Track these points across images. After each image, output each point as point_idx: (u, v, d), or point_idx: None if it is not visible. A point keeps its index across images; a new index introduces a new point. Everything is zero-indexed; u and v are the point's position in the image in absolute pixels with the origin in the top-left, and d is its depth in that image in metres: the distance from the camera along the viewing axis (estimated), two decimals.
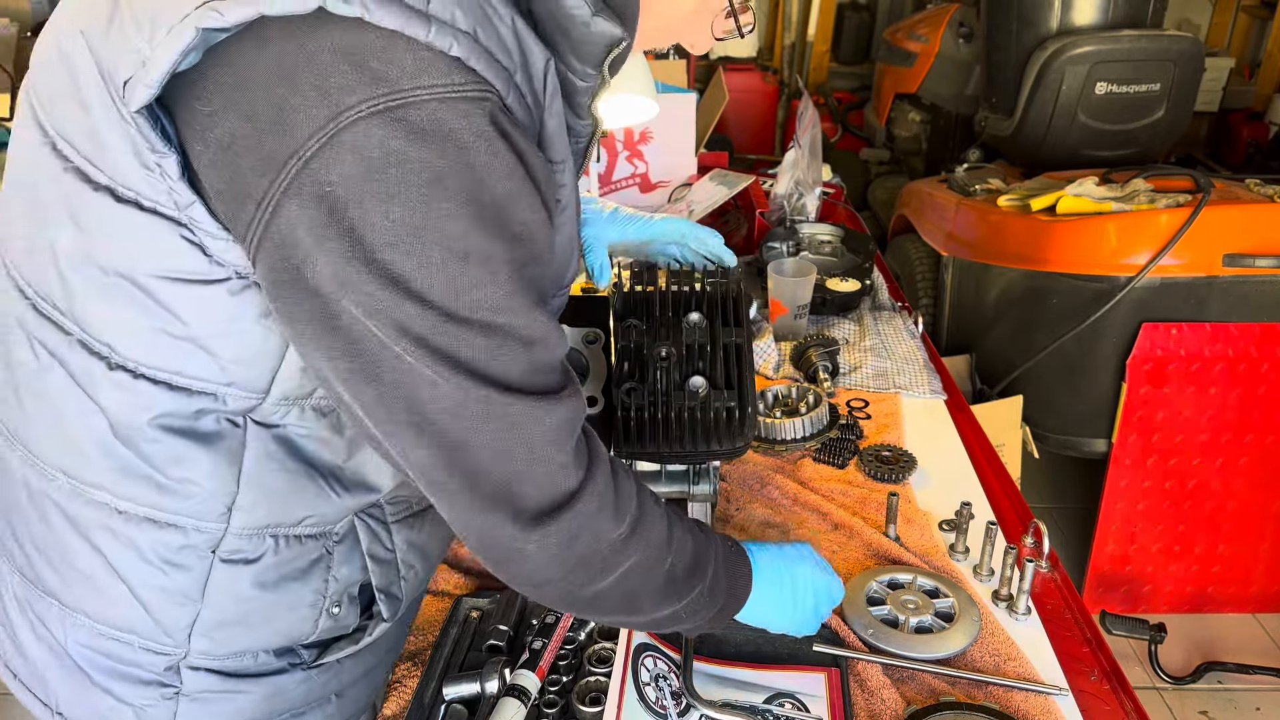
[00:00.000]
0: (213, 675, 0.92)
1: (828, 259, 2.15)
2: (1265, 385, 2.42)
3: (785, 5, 5.08)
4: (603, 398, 1.20)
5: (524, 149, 0.73)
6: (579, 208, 0.94)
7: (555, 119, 0.79)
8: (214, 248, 0.75)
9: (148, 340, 0.79)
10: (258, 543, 0.88)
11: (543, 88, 0.77)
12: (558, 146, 0.81)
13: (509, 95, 0.72)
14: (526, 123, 0.75)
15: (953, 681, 1.07)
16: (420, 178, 0.67)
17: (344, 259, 0.68)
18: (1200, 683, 2.47)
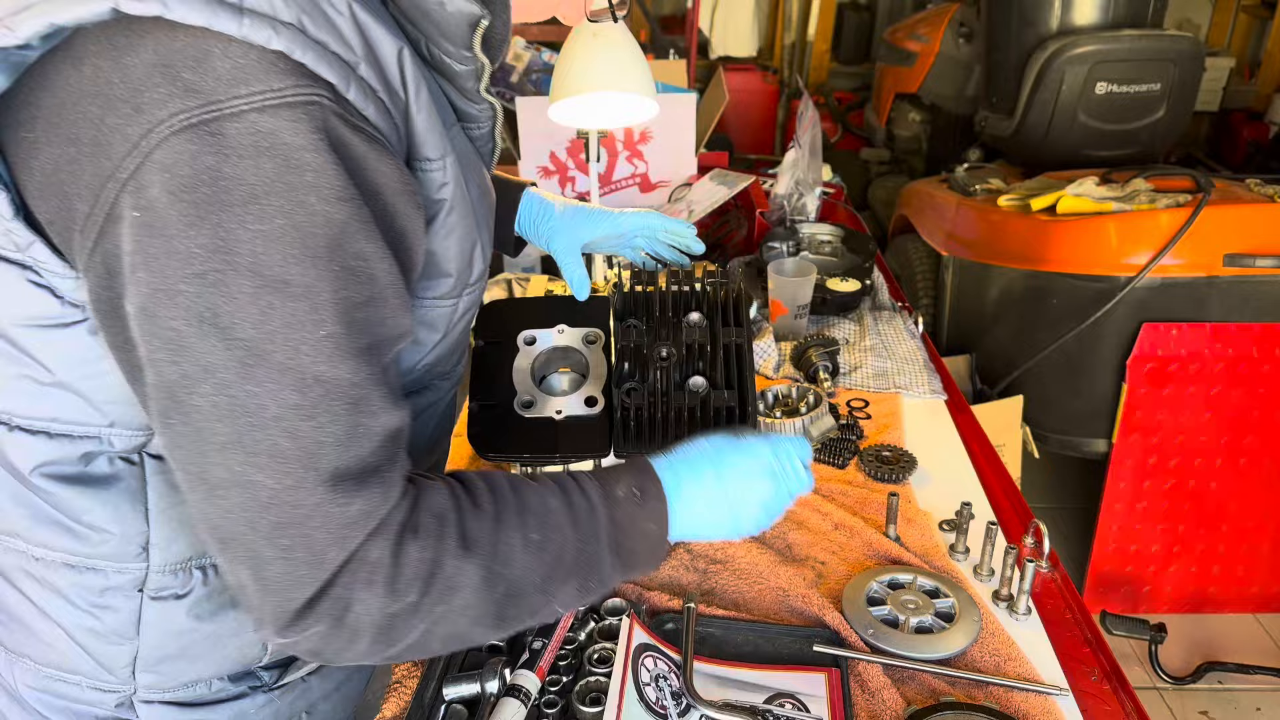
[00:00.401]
0: (170, 707, 0.89)
1: (828, 259, 2.15)
2: (1265, 385, 2.42)
3: (785, 5, 5.08)
4: (603, 398, 1.20)
5: (364, 160, 0.67)
6: (491, 200, 0.91)
7: (425, 112, 0.74)
8: (64, 288, 0.71)
9: (16, 389, 0.76)
10: (184, 577, 0.85)
11: (400, 79, 0.71)
12: (431, 141, 0.75)
13: (350, 90, 0.66)
14: (380, 120, 0.69)
15: (953, 682, 1.06)
16: (233, 197, 0.61)
17: (150, 290, 0.62)
18: (1200, 683, 2.47)
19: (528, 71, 2.75)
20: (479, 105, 0.84)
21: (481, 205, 0.87)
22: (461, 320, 0.90)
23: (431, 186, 0.78)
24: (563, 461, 1.21)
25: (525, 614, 0.80)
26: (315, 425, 0.66)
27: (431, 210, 0.79)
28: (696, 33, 4.07)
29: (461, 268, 0.85)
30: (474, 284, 0.88)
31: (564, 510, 0.81)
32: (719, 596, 1.19)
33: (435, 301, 0.85)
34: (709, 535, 0.90)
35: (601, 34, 1.53)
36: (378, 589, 0.71)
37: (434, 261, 0.82)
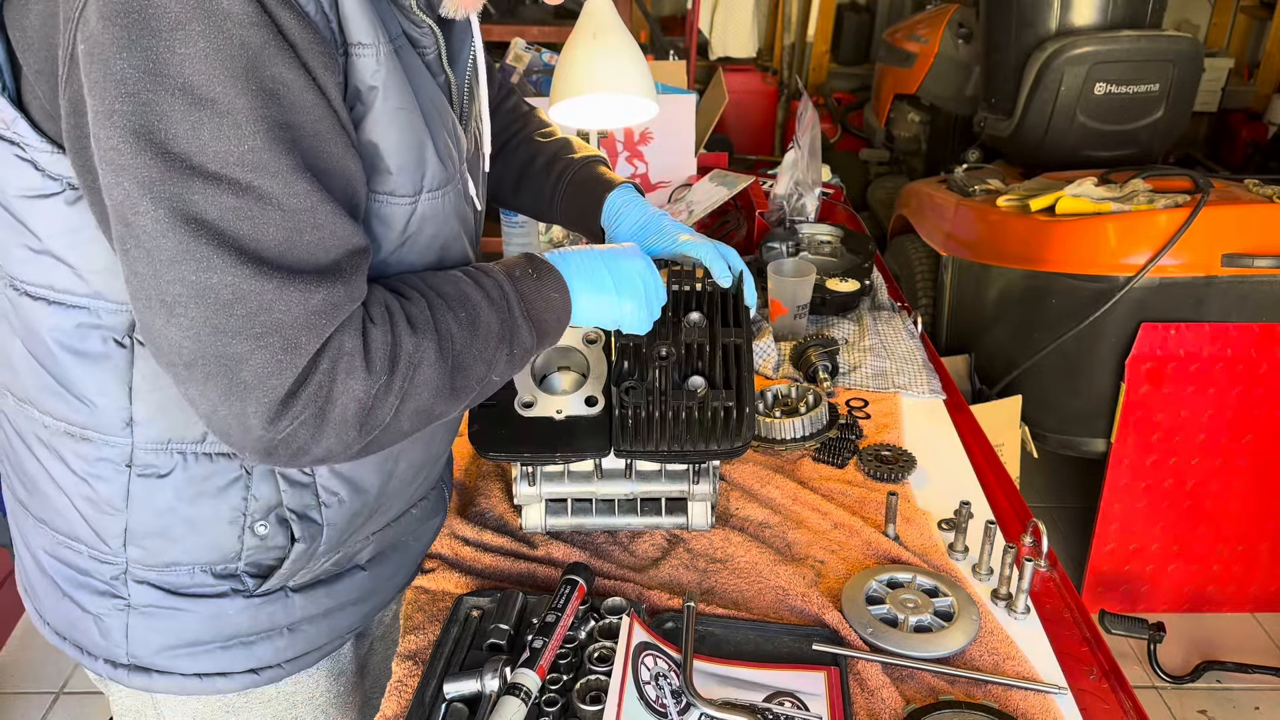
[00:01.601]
0: (155, 590, 0.96)
1: (827, 259, 2.15)
2: (1264, 385, 2.43)
3: (785, 6, 5.08)
4: (603, 397, 1.20)
5: (274, 10, 0.71)
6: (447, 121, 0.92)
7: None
8: (44, 162, 0.79)
9: (19, 257, 0.85)
10: (165, 458, 0.91)
11: None
12: (362, 26, 0.79)
13: None
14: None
15: (952, 680, 1.07)
16: (160, 23, 0.67)
17: (97, 116, 0.69)
18: (1199, 682, 2.47)
19: (528, 72, 2.75)
20: (419, 27, 0.87)
21: (431, 113, 0.89)
22: (423, 226, 0.91)
23: (365, 72, 0.80)
24: (563, 461, 1.21)
25: (473, 382, 0.90)
26: (254, 226, 0.72)
27: (366, 99, 0.81)
28: (696, 34, 4.07)
29: (405, 164, 0.86)
30: (433, 190, 0.90)
31: (478, 292, 0.90)
32: (719, 595, 1.19)
33: (386, 197, 0.87)
34: (602, 309, 1.02)
35: (601, 35, 1.53)
36: (357, 374, 0.79)
37: (375, 153, 0.84)
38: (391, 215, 0.88)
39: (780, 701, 1.01)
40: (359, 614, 1.10)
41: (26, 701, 2.43)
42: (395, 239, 0.89)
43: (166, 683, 1.00)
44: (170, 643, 0.98)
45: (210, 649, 0.99)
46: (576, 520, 1.29)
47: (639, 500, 1.29)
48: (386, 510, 1.06)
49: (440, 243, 0.94)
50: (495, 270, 0.94)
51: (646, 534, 1.30)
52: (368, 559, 1.08)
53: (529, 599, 1.13)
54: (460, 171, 0.95)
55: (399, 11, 0.85)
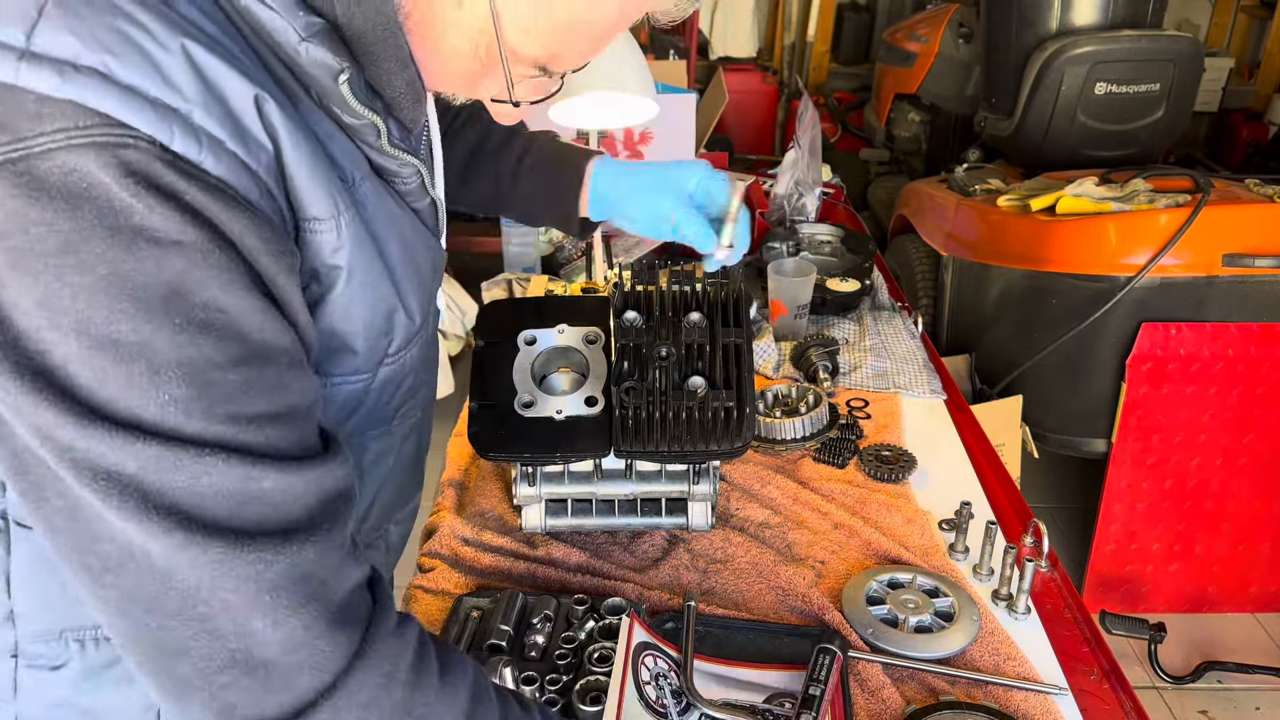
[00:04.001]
0: None
1: (828, 259, 2.15)
2: (1265, 385, 2.43)
3: (785, 5, 5.08)
4: (603, 397, 1.20)
5: (204, 207, 0.58)
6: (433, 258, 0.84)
7: (306, 166, 0.65)
8: None
9: None
10: (57, 648, 0.80)
11: (261, 128, 0.62)
12: (317, 199, 0.67)
13: (175, 140, 0.58)
14: (231, 173, 0.60)
15: (952, 681, 1.07)
16: (47, 245, 0.55)
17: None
18: (1200, 682, 2.47)
19: None
20: (397, 160, 0.77)
21: (405, 266, 0.78)
22: (384, 392, 0.82)
23: (323, 250, 0.69)
24: (563, 461, 1.21)
25: None
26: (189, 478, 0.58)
27: (326, 280, 0.71)
28: (696, 33, 4.07)
29: (372, 340, 0.76)
30: (395, 354, 0.80)
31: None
32: (719, 595, 1.19)
33: (343, 379, 0.77)
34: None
35: None
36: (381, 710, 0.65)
37: (336, 337, 0.74)
38: (349, 397, 0.78)
39: (780, 702, 1.01)
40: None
41: None
42: (343, 416, 0.80)
43: None
44: None
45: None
46: (576, 520, 1.29)
47: (639, 500, 1.28)
48: None
49: (395, 392, 0.85)
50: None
51: (646, 534, 1.30)
52: None
53: (529, 599, 1.13)
54: (429, 309, 0.85)
55: (372, 150, 0.75)
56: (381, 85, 0.73)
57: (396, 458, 0.93)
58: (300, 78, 0.68)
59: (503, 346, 1.26)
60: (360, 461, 0.88)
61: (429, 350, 0.92)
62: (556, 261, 2.24)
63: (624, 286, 1.29)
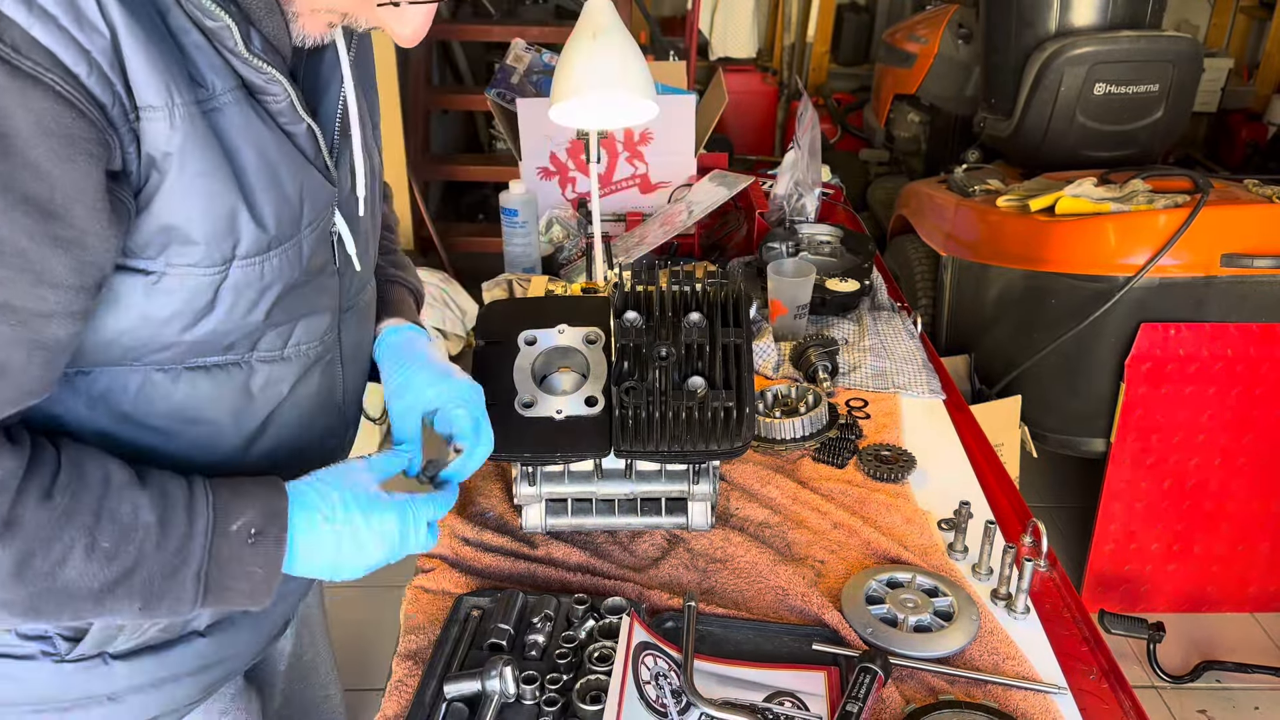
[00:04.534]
0: None
1: (827, 259, 2.15)
2: (1263, 385, 2.43)
3: (785, 6, 5.09)
4: (603, 397, 1.20)
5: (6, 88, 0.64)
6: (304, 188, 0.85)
7: (142, 53, 0.70)
8: None
9: None
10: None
11: (99, 13, 0.67)
12: (152, 86, 0.71)
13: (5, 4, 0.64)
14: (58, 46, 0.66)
15: (952, 680, 1.07)
16: None
17: None
18: (1199, 682, 2.47)
19: (528, 73, 2.75)
20: (262, 75, 0.79)
21: (261, 178, 0.81)
22: (240, 294, 0.83)
23: (158, 138, 0.73)
24: (563, 461, 1.21)
25: (66, 613, 0.77)
26: None
27: (161, 166, 0.74)
28: (696, 34, 4.08)
29: (213, 234, 0.79)
30: (245, 257, 0.82)
31: (155, 529, 0.78)
32: (719, 595, 1.20)
33: (188, 269, 0.79)
34: (311, 573, 0.89)
35: (601, 35, 1.53)
36: None
37: (172, 224, 0.77)
38: (196, 289, 0.80)
39: (780, 701, 1.01)
40: (199, 684, 1.00)
41: None
42: (200, 309, 0.82)
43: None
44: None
45: (18, 713, 0.91)
46: (576, 520, 1.29)
47: (639, 500, 1.29)
48: None
49: (279, 304, 0.87)
50: (203, 513, 0.82)
51: (646, 534, 1.30)
52: (206, 624, 0.98)
53: (529, 599, 1.13)
54: (303, 231, 0.87)
55: (234, 58, 0.77)
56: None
57: (293, 390, 0.94)
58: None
59: (503, 346, 1.27)
60: (247, 383, 0.90)
61: (321, 281, 0.92)
62: (556, 261, 2.24)
63: (624, 286, 1.29)
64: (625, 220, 2.34)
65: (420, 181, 3.90)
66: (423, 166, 4.05)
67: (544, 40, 2.98)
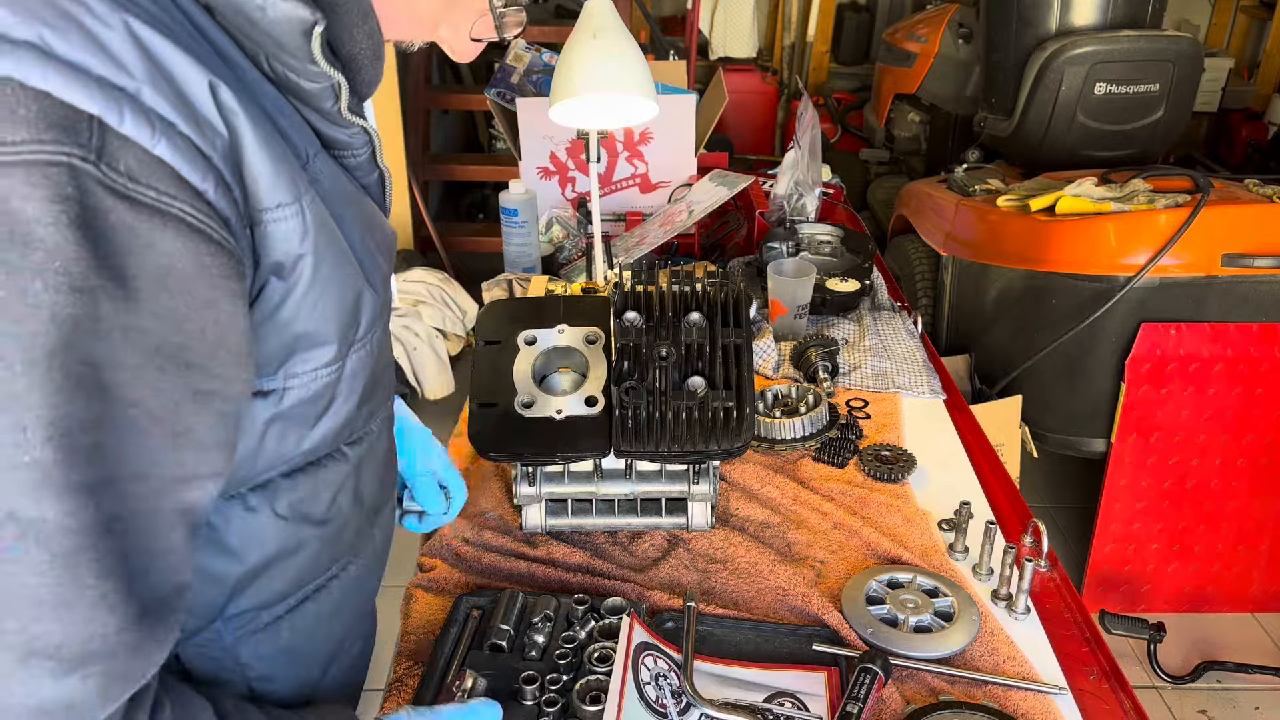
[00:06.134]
0: None
1: (827, 259, 2.15)
2: (1264, 385, 2.43)
3: (785, 6, 5.08)
4: (603, 397, 1.20)
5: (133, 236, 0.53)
6: (384, 236, 0.79)
7: (262, 149, 0.61)
8: None
9: None
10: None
11: (216, 112, 0.58)
12: (279, 184, 0.62)
13: (125, 121, 0.53)
14: (183, 162, 0.56)
15: (952, 680, 1.07)
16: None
17: None
18: (1199, 682, 2.47)
19: (528, 72, 2.75)
20: (348, 129, 0.72)
21: (365, 244, 0.74)
22: (354, 380, 0.75)
23: (290, 239, 0.63)
24: (563, 461, 1.21)
25: None
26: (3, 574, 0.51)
27: (292, 272, 0.64)
28: (696, 34, 4.07)
29: (344, 328, 0.70)
30: (360, 340, 0.74)
31: None
32: (719, 595, 1.20)
33: (314, 374, 0.70)
34: None
35: (601, 35, 1.53)
36: None
37: (306, 333, 0.68)
38: (321, 391, 0.71)
39: (780, 702, 1.01)
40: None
41: None
42: (318, 413, 0.72)
43: None
44: None
45: None
46: (576, 520, 1.29)
47: (639, 500, 1.29)
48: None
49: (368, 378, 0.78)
50: None
51: (646, 534, 1.30)
52: None
53: (529, 599, 1.13)
54: (389, 286, 0.80)
55: (318, 116, 0.70)
56: (342, 40, 0.68)
57: (371, 457, 0.87)
58: (247, 45, 0.64)
59: (503, 346, 1.26)
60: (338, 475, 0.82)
61: (388, 337, 0.85)
62: (556, 261, 2.24)
63: (624, 286, 1.29)
64: (625, 220, 2.34)
65: (420, 181, 3.90)
66: (423, 166, 4.05)
67: (544, 40, 2.98)
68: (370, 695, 1.26)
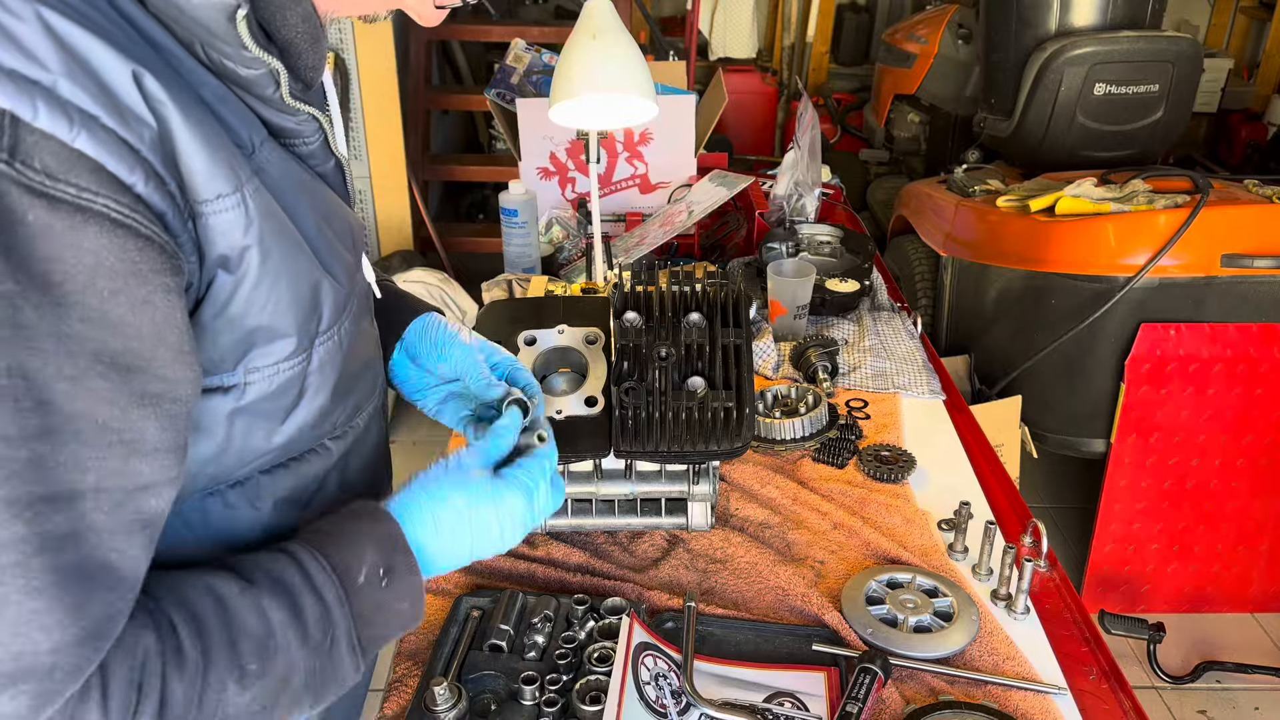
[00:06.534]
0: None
1: (827, 260, 2.15)
2: (1263, 385, 2.43)
3: (785, 6, 5.09)
4: (603, 398, 1.20)
5: (45, 236, 0.52)
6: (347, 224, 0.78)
7: (196, 140, 0.60)
8: None
9: None
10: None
11: (142, 102, 0.57)
12: (216, 173, 0.61)
13: (40, 116, 0.52)
14: (108, 155, 0.54)
15: (951, 680, 1.07)
16: None
17: None
18: (1199, 682, 2.47)
19: (528, 73, 2.75)
20: (295, 117, 0.71)
21: (323, 233, 0.73)
22: (324, 372, 0.74)
23: (231, 231, 0.62)
24: (563, 461, 1.21)
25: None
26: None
27: (238, 265, 0.64)
28: (696, 34, 4.08)
29: (303, 320, 0.70)
30: (325, 332, 0.73)
31: (290, 625, 0.69)
32: (719, 596, 1.20)
33: (276, 368, 0.69)
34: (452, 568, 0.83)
35: (601, 36, 1.53)
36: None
37: (261, 327, 0.67)
38: (286, 384, 0.71)
39: (780, 702, 1.01)
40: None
41: None
42: (287, 406, 0.73)
43: None
44: None
45: None
46: (576, 520, 1.29)
47: (639, 500, 1.29)
48: None
49: (339, 372, 0.77)
50: (328, 582, 0.71)
51: (646, 534, 1.30)
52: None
53: (529, 599, 1.13)
54: (356, 274, 0.79)
55: (262, 104, 0.69)
56: (275, 25, 0.67)
57: (358, 450, 0.87)
58: (180, 33, 0.63)
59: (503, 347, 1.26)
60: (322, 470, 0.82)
61: (364, 324, 0.84)
62: (556, 261, 2.24)
63: (624, 287, 1.29)
64: (625, 220, 2.34)
65: (420, 181, 3.90)
66: (422, 166, 4.05)
67: (544, 40, 2.98)
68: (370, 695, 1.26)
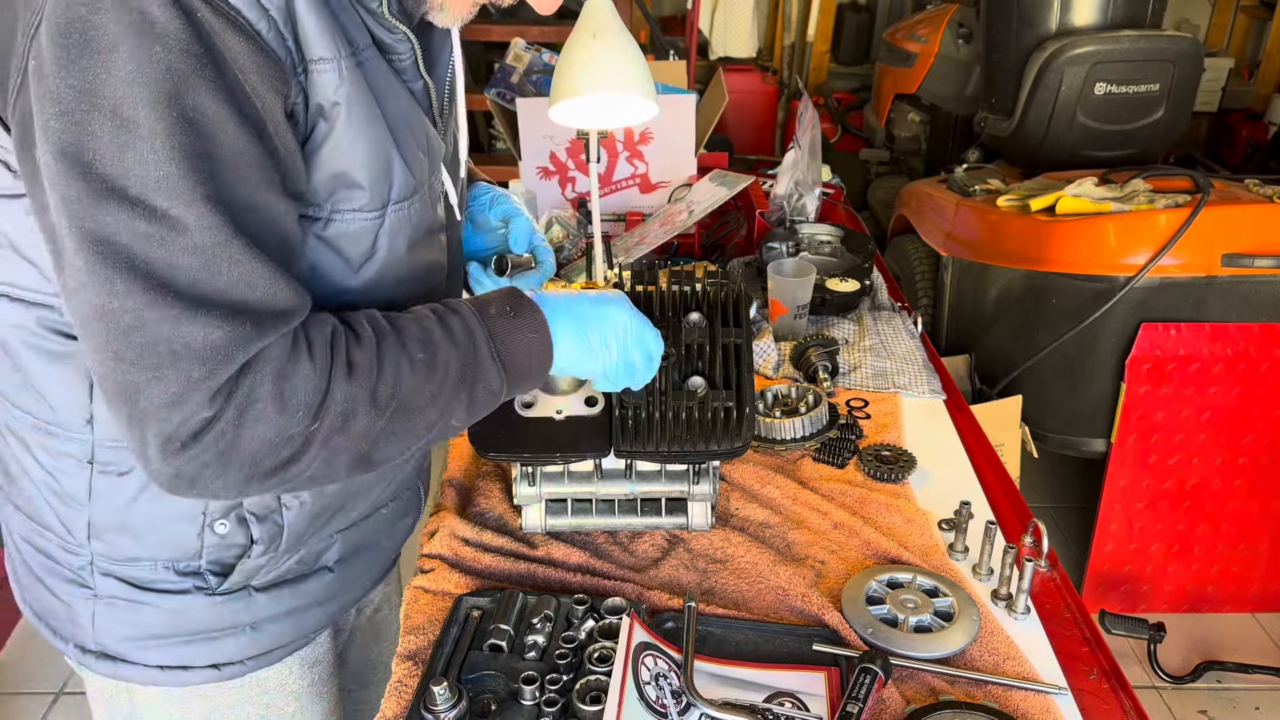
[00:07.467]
0: (119, 583, 0.98)
1: (827, 259, 2.15)
2: (1264, 385, 2.43)
3: (785, 6, 5.08)
4: (602, 397, 1.20)
5: (213, 29, 0.72)
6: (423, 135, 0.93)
7: (314, 13, 0.78)
8: (14, 162, 0.79)
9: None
10: (124, 455, 0.92)
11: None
12: (322, 41, 0.79)
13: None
14: (245, 5, 0.73)
15: (952, 680, 1.07)
16: (98, 44, 0.68)
17: (39, 131, 0.71)
18: (1199, 682, 2.47)
19: (528, 72, 2.75)
20: (393, 34, 0.87)
21: (400, 126, 0.89)
22: (394, 239, 0.91)
23: (327, 88, 0.81)
24: (563, 461, 1.21)
25: (421, 429, 0.87)
26: (167, 253, 0.72)
27: (330, 115, 0.82)
28: (696, 33, 4.07)
29: (375, 178, 0.86)
30: (398, 202, 0.90)
31: (441, 331, 0.88)
32: (719, 596, 1.19)
33: (354, 214, 0.87)
34: (583, 358, 0.98)
35: (601, 35, 1.53)
36: (267, 421, 0.77)
37: (342, 171, 0.84)
38: (361, 232, 0.88)
39: (780, 702, 1.01)
40: (326, 613, 1.11)
41: (27, 701, 2.43)
42: (363, 254, 0.90)
43: (131, 671, 1.02)
44: (135, 634, 1.00)
45: (174, 642, 1.01)
46: (576, 520, 1.29)
47: (639, 500, 1.29)
48: (351, 510, 1.07)
49: (414, 254, 0.95)
50: (465, 308, 0.92)
51: (646, 534, 1.30)
52: (335, 559, 1.09)
53: (529, 599, 1.13)
54: (430, 180, 0.95)
55: (370, 18, 0.85)
56: None
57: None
58: None
59: None
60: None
61: (435, 229, 0.99)
62: (556, 261, 2.24)
63: (624, 286, 1.29)
64: (625, 220, 2.34)
65: None
66: None
67: (544, 40, 2.98)
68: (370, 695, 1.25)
